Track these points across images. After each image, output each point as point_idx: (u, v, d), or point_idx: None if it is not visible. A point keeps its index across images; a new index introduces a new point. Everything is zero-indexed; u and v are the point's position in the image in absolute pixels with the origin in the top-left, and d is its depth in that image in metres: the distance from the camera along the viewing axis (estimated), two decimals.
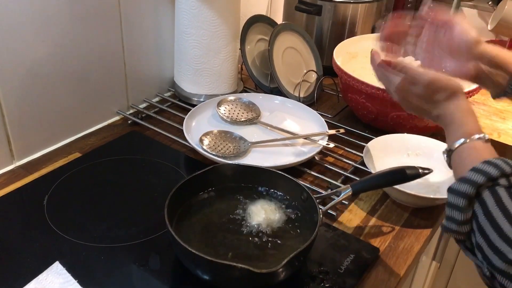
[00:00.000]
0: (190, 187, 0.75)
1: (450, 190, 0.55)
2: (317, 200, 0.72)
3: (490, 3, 1.51)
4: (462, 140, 0.60)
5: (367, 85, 0.97)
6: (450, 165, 0.63)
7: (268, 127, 1.01)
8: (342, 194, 0.73)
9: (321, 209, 0.71)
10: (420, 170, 0.74)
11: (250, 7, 1.31)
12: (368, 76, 1.16)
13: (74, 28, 0.90)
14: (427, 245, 0.83)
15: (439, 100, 0.65)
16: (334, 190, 0.75)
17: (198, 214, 0.74)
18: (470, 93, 0.96)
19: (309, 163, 0.93)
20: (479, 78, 0.72)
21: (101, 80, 0.99)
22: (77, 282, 0.61)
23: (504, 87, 0.71)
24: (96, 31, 0.94)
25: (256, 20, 1.18)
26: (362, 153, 0.93)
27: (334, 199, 0.76)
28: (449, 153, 0.62)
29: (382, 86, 0.96)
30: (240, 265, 0.59)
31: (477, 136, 0.59)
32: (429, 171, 0.75)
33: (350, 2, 1.24)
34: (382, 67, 0.70)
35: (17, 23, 0.80)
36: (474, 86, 0.98)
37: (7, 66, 0.81)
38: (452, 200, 0.54)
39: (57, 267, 0.62)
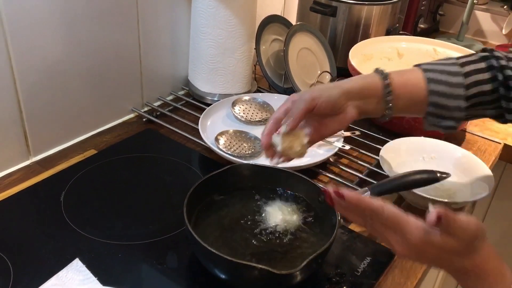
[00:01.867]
0: (208, 186, 0.75)
1: None
2: None
3: (505, 7, 1.51)
4: None
5: None
6: None
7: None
8: None
9: None
10: (439, 174, 0.74)
11: (265, 7, 1.31)
12: None
13: (92, 26, 0.90)
14: None
15: (472, 251, 0.52)
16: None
17: (215, 214, 0.74)
18: None
19: (324, 164, 0.93)
20: (363, 113, 0.71)
21: (117, 78, 1.00)
22: (97, 279, 0.61)
23: (384, 110, 0.70)
24: (114, 29, 0.94)
25: (271, 20, 1.18)
26: (376, 155, 0.93)
27: None
28: None
29: None
30: (259, 265, 0.59)
31: None
32: (447, 175, 0.75)
33: (365, 4, 1.24)
34: (435, 223, 0.51)
35: (36, 21, 0.81)
36: None
37: (26, 63, 0.82)
38: None
39: (77, 263, 0.63)
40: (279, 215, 0.73)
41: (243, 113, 1.02)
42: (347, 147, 0.94)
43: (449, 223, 0.50)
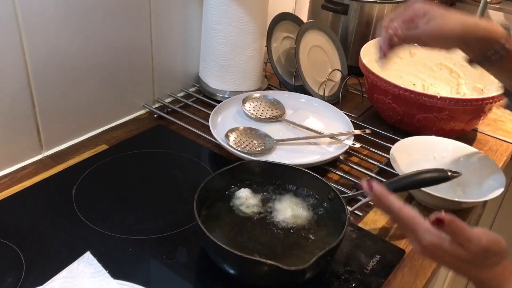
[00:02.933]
0: (218, 181, 0.76)
1: None
2: (344, 200, 0.72)
3: None
4: None
5: (394, 85, 0.96)
6: None
7: (292, 125, 1.01)
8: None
9: (348, 209, 0.71)
10: (449, 173, 0.73)
11: (277, 4, 1.31)
12: (394, 76, 1.16)
13: (105, 22, 0.91)
14: None
15: (486, 265, 0.54)
16: (362, 191, 0.75)
17: (225, 209, 0.74)
18: (495, 99, 0.95)
19: (334, 162, 0.93)
20: (463, 37, 0.70)
21: (129, 74, 1.00)
22: (108, 272, 0.62)
23: (485, 52, 0.70)
24: (126, 25, 0.95)
25: (282, 18, 1.18)
26: (386, 154, 0.93)
27: (361, 199, 0.76)
28: None
29: (408, 87, 0.96)
30: (269, 261, 0.59)
31: None
32: (458, 174, 0.75)
33: (377, 2, 1.23)
34: (435, 224, 0.54)
35: (50, 16, 0.81)
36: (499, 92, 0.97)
37: (40, 57, 0.83)
38: None
39: (88, 257, 0.63)
40: (288, 211, 0.73)
41: (254, 110, 1.02)
42: (358, 145, 0.93)
43: (455, 232, 0.53)
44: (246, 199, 0.75)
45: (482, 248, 0.53)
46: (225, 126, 0.96)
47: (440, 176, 0.73)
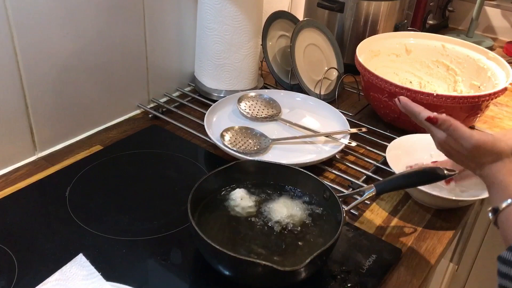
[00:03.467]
0: (213, 182, 0.75)
1: (501, 259, 0.54)
2: (340, 199, 0.71)
3: None
4: (509, 201, 0.59)
5: (390, 83, 0.96)
6: (496, 223, 0.61)
7: (288, 124, 1.00)
8: (366, 194, 0.72)
9: (344, 208, 0.70)
10: (446, 172, 0.73)
11: (272, 3, 1.31)
12: (391, 74, 1.15)
13: (98, 22, 0.90)
14: (449, 247, 0.82)
15: (483, 163, 0.64)
16: (357, 190, 0.74)
17: (220, 210, 0.73)
18: (492, 96, 0.95)
19: (330, 161, 0.92)
20: None
21: (123, 74, 1.00)
22: (101, 274, 0.61)
23: None
24: (120, 24, 0.94)
25: (278, 16, 1.18)
26: (383, 152, 0.92)
27: (357, 198, 0.75)
28: (494, 212, 0.60)
29: (405, 85, 0.95)
30: (264, 262, 0.59)
31: None
32: (454, 172, 0.74)
33: (372, 0, 1.23)
34: (429, 122, 0.68)
35: (42, 16, 0.81)
36: (500, 87, 0.97)
37: (32, 58, 0.82)
38: (503, 270, 0.54)
39: (80, 259, 0.62)
40: (284, 211, 0.73)
41: (249, 110, 1.02)
42: (354, 143, 0.93)
43: (449, 129, 0.65)
44: (241, 199, 0.74)
45: (473, 145, 0.63)
46: (221, 126, 0.95)
47: (437, 175, 0.72)
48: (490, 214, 0.61)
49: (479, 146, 0.63)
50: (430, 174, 0.73)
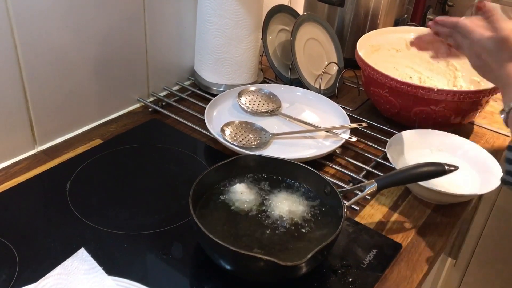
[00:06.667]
0: (214, 176, 0.75)
1: (510, 148, 0.62)
2: (341, 194, 0.71)
3: None
4: None
5: (391, 78, 0.96)
6: (506, 123, 0.68)
7: (288, 119, 1.00)
8: (367, 189, 0.72)
9: (345, 203, 0.70)
10: (446, 167, 0.73)
11: None
12: (391, 69, 1.15)
13: (98, 15, 0.89)
14: (450, 242, 0.82)
15: (504, 59, 0.68)
16: (359, 185, 0.74)
17: (220, 204, 0.73)
18: (492, 92, 0.95)
19: (330, 156, 0.92)
20: None
21: (123, 67, 0.99)
22: (102, 269, 0.61)
23: None
24: (120, 18, 0.94)
25: (278, 10, 1.17)
26: (383, 147, 0.92)
27: (357, 193, 0.75)
28: (505, 112, 0.67)
29: (405, 80, 0.95)
30: (265, 257, 0.59)
31: None
32: (455, 168, 0.74)
33: None
34: (478, 9, 0.75)
35: (42, 9, 0.80)
36: None
37: (32, 51, 0.81)
38: (510, 156, 0.62)
39: (82, 253, 0.62)
40: (285, 206, 0.73)
41: (249, 104, 1.02)
42: (354, 139, 0.93)
43: (490, 18, 0.71)
44: (242, 194, 0.74)
45: (504, 36, 0.68)
46: (221, 120, 0.95)
47: (437, 170, 0.73)
48: (502, 116, 0.68)
49: (507, 39, 0.67)
50: (431, 170, 0.73)
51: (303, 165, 0.77)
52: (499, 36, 0.69)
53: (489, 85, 0.97)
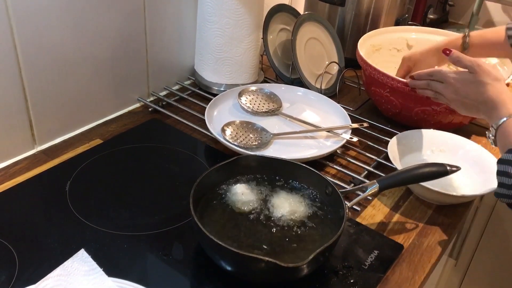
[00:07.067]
0: (214, 177, 0.75)
1: (500, 161, 0.65)
2: (342, 195, 0.71)
3: None
4: (505, 118, 0.69)
5: (392, 78, 0.95)
6: (495, 142, 0.72)
7: (289, 119, 0.99)
8: (368, 190, 0.72)
9: (346, 204, 0.70)
10: (449, 168, 0.73)
11: None
12: (392, 69, 1.15)
13: (98, 14, 0.89)
14: (451, 243, 0.82)
15: (485, 83, 0.74)
16: (360, 186, 0.74)
17: (221, 205, 0.73)
18: None
19: (331, 156, 0.92)
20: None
21: (123, 67, 0.99)
22: (102, 270, 0.61)
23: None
24: (120, 17, 0.93)
25: (279, 9, 1.17)
26: (384, 147, 0.92)
27: (359, 194, 0.75)
28: (494, 129, 0.71)
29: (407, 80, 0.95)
30: (266, 258, 0.58)
31: None
32: (457, 168, 0.74)
33: None
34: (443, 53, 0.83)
35: (42, 8, 0.80)
36: None
37: (32, 50, 0.81)
38: (501, 169, 0.65)
39: (82, 254, 0.62)
40: (286, 206, 0.72)
41: (250, 104, 1.01)
42: (355, 139, 0.93)
43: (459, 59, 0.80)
44: (242, 194, 0.74)
45: (477, 63, 0.76)
46: (221, 120, 0.95)
47: (440, 171, 0.72)
48: (489, 137, 0.73)
49: (482, 63, 0.76)
50: (433, 170, 0.72)
51: (304, 165, 0.77)
52: (474, 63, 0.76)
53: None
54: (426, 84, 0.86)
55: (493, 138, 0.72)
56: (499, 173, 0.65)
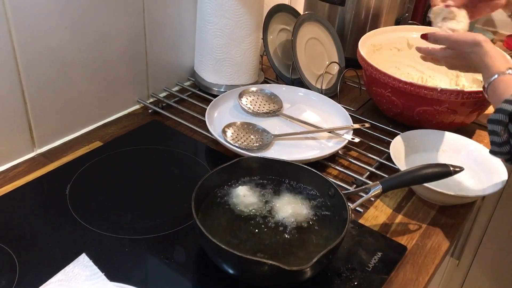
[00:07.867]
0: (216, 179, 0.74)
1: (489, 120, 0.68)
2: (345, 197, 0.70)
3: None
4: (494, 76, 0.72)
5: (394, 78, 0.95)
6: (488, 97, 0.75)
7: (290, 120, 0.99)
8: (372, 191, 0.71)
9: (349, 205, 0.69)
10: (452, 168, 0.72)
11: None
12: (393, 69, 1.14)
13: (97, 16, 0.88)
14: (454, 244, 0.81)
15: (467, 52, 0.78)
16: (363, 187, 0.73)
17: (223, 207, 0.72)
18: None
19: (333, 156, 0.91)
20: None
21: (123, 68, 0.98)
22: (104, 274, 0.60)
23: None
24: (119, 19, 0.92)
25: (279, 9, 1.16)
26: (386, 148, 0.91)
27: (361, 195, 0.74)
28: (487, 85, 0.74)
29: (408, 80, 0.94)
30: (270, 261, 0.58)
31: (507, 71, 0.71)
32: (460, 169, 0.73)
33: None
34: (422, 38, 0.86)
35: (40, 11, 0.79)
36: None
37: (31, 53, 0.80)
38: (491, 128, 0.68)
39: (83, 259, 0.61)
40: (288, 208, 0.72)
41: (251, 105, 1.01)
42: (357, 139, 0.92)
43: (438, 40, 0.84)
44: (244, 196, 0.73)
45: (453, 41, 0.80)
46: (222, 121, 0.94)
47: (443, 171, 0.72)
48: (485, 94, 0.76)
49: (455, 40, 0.80)
50: (436, 171, 0.72)
51: (306, 166, 0.76)
52: (449, 40, 0.81)
53: None
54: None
55: (486, 92, 0.76)
56: (490, 132, 0.68)
